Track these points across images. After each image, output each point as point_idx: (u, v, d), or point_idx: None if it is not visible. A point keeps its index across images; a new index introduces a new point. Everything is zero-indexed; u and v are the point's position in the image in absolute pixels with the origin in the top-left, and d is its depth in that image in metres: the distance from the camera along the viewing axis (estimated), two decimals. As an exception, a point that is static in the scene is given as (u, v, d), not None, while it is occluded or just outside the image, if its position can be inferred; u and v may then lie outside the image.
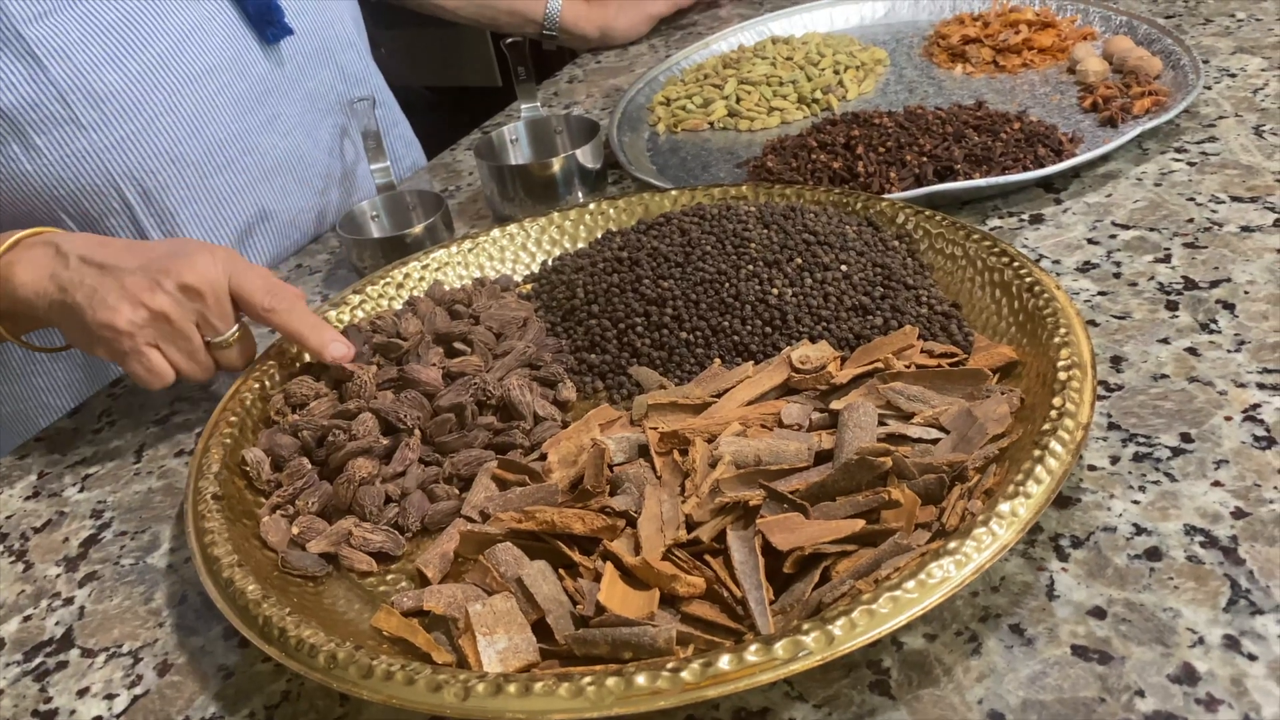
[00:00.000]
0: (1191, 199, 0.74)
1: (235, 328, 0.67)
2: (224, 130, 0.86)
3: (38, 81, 0.74)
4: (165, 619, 0.56)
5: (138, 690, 0.52)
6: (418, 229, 0.83)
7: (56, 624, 0.57)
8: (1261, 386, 0.56)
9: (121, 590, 0.59)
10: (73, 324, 0.65)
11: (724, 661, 0.41)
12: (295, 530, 0.56)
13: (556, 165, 0.87)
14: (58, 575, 0.61)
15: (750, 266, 0.64)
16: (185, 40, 0.82)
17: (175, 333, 0.65)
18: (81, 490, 0.68)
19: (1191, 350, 0.60)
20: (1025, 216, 0.76)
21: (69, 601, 0.59)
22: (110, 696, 0.52)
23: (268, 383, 0.67)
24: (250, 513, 0.58)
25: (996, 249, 0.64)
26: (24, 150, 0.75)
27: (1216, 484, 0.51)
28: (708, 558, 0.48)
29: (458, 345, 0.67)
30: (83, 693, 0.52)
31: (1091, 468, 0.53)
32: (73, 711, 0.51)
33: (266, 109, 0.89)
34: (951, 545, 0.44)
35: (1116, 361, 0.60)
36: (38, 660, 0.55)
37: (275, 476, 0.60)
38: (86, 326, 0.64)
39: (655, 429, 0.56)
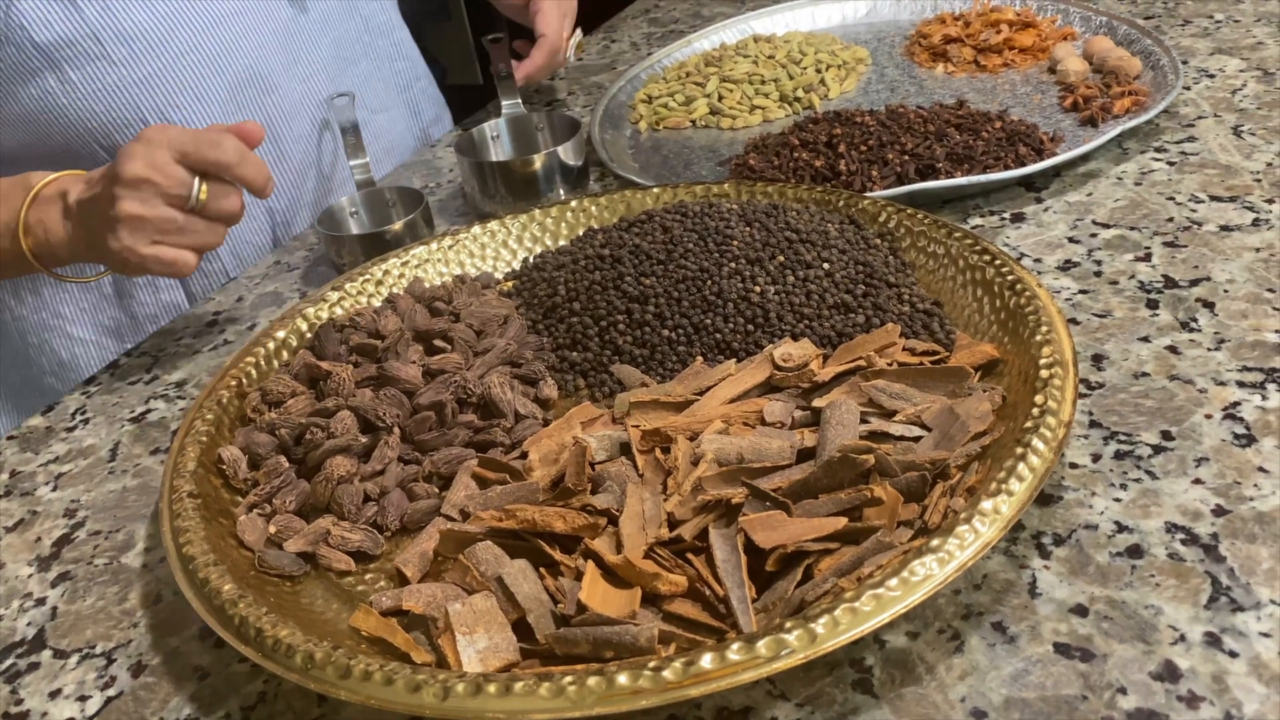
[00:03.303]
0: (1171, 198, 0.75)
1: (198, 184, 0.70)
2: (247, 70, 0.89)
3: (72, 20, 0.79)
4: (139, 619, 0.55)
5: (111, 692, 0.51)
6: (398, 225, 0.83)
7: (28, 625, 0.56)
8: (1241, 384, 0.57)
9: (95, 590, 0.58)
10: (99, 259, 0.74)
11: (706, 660, 0.41)
12: (272, 529, 0.55)
13: (538, 162, 0.87)
14: (29, 575, 0.60)
15: (732, 264, 0.64)
16: None
17: (155, 223, 0.70)
18: (55, 489, 0.67)
19: (1172, 348, 0.60)
20: (1006, 215, 0.77)
21: (41, 602, 0.58)
22: (83, 698, 0.51)
23: (244, 380, 0.66)
24: (227, 512, 0.57)
25: (978, 247, 0.64)
26: (60, 84, 0.79)
27: (1197, 481, 0.51)
28: (690, 556, 0.47)
29: (438, 343, 0.66)
30: (55, 694, 0.51)
31: (1073, 465, 0.53)
32: (44, 714, 0.51)
33: (289, 53, 0.92)
34: (934, 543, 0.44)
35: (1098, 360, 0.60)
36: (9, 662, 0.54)
37: (252, 475, 0.59)
38: (106, 258, 0.73)
39: (637, 427, 0.56)
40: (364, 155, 0.88)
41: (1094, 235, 0.72)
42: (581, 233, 0.76)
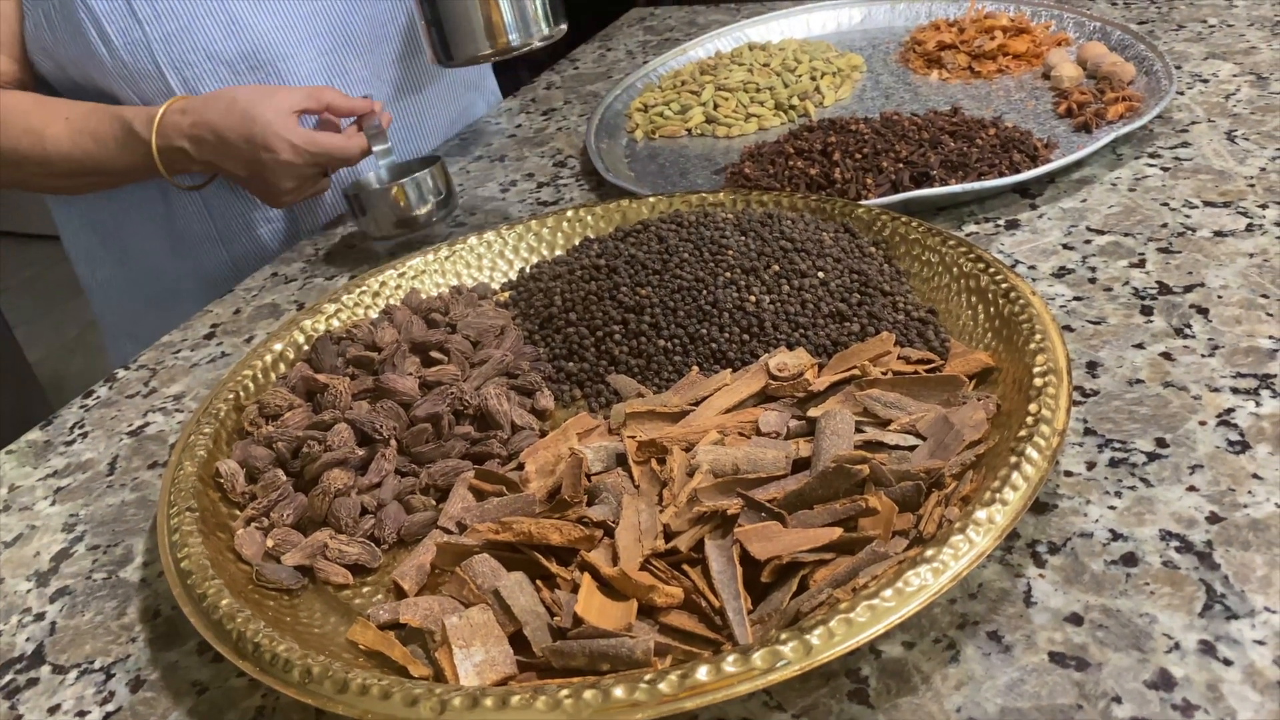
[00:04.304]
0: (1165, 204, 0.75)
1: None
2: (261, 38, 0.93)
3: None
4: (138, 634, 0.55)
5: (110, 707, 0.51)
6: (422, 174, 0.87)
7: (27, 640, 0.56)
8: (1235, 391, 0.57)
9: (93, 605, 0.58)
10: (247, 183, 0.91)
11: (702, 672, 0.41)
12: (270, 543, 0.56)
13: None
14: (28, 590, 0.60)
15: (728, 274, 0.64)
16: None
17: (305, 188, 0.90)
18: (53, 503, 0.67)
19: (1166, 355, 0.60)
20: (1001, 222, 0.77)
21: (40, 617, 0.58)
22: (82, 714, 0.51)
23: (242, 393, 0.66)
24: (224, 525, 0.58)
25: (972, 255, 0.64)
26: (99, 38, 0.88)
27: (1191, 489, 0.51)
28: (685, 567, 0.48)
29: (434, 354, 0.66)
30: (54, 710, 0.52)
31: (1068, 473, 0.53)
32: (43, 729, 0.51)
33: (316, 26, 0.96)
34: (929, 553, 0.44)
35: (1092, 367, 0.60)
36: (8, 677, 0.54)
37: (250, 489, 0.59)
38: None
39: (633, 438, 0.56)
40: (386, 141, 0.91)
41: (1088, 242, 0.72)
42: (578, 243, 0.76)
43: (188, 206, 0.98)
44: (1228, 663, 0.43)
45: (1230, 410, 0.55)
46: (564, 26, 0.82)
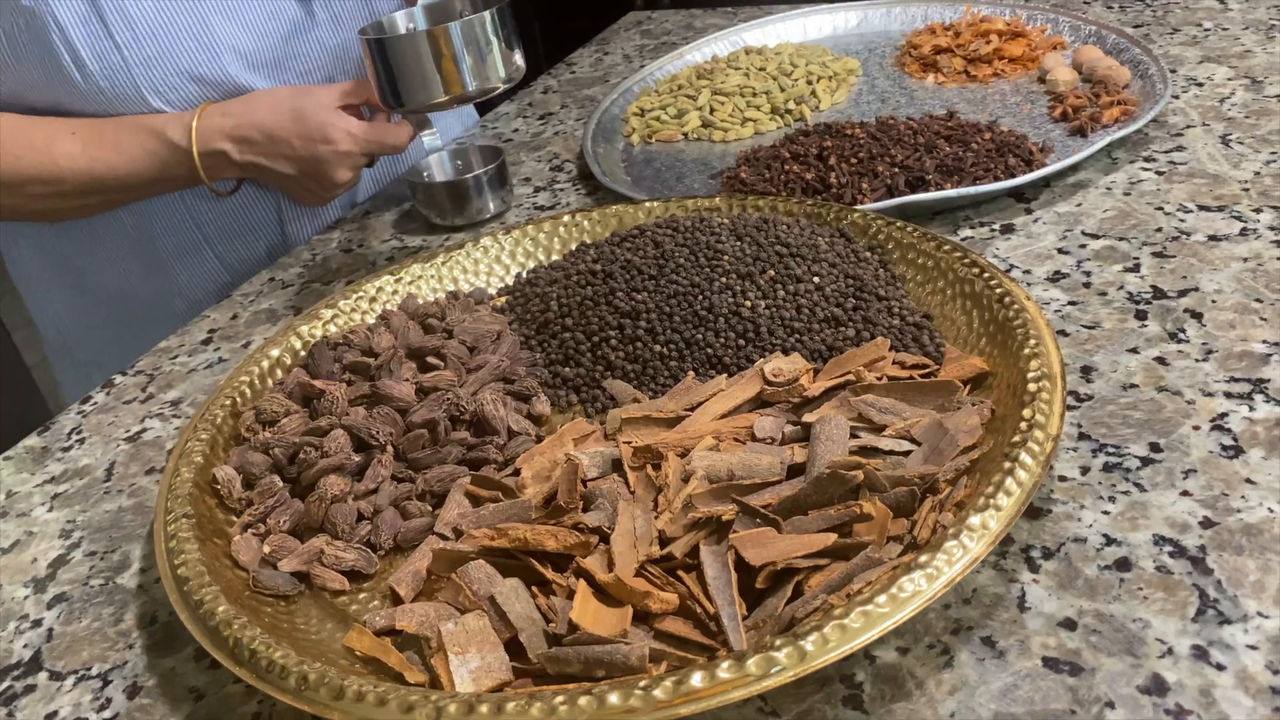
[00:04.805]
0: (1160, 208, 0.75)
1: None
2: (245, 63, 0.91)
3: (87, 1, 0.84)
4: (135, 641, 0.55)
5: (107, 714, 0.51)
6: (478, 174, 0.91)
7: (24, 646, 0.56)
8: (1229, 395, 0.57)
9: (90, 611, 0.58)
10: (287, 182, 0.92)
11: (697, 679, 0.41)
12: (267, 549, 0.56)
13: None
14: (25, 597, 0.60)
15: (723, 279, 0.64)
16: None
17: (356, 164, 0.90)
18: (50, 509, 0.67)
19: (1160, 360, 0.60)
20: (996, 226, 0.77)
21: (37, 623, 0.58)
22: (79, 720, 0.51)
23: (239, 399, 0.67)
24: (221, 532, 0.58)
25: (967, 259, 0.64)
26: (73, 62, 0.85)
27: (1185, 494, 0.51)
28: (681, 573, 0.48)
29: (431, 360, 0.66)
30: (50, 717, 0.52)
31: (1062, 478, 0.54)
32: (40, 736, 0.51)
33: (291, 50, 0.94)
34: (923, 558, 0.44)
35: (1086, 371, 0.61)
36: (5, 684, 0.54)
37: (246, 495, 0.59)
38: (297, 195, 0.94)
39: (629, 443, 0.56)
40: (431, 126, 0.91)
41: (1083, 246, 0.72)
42: (574, 248, 0.77)
43: (171, 219, 0.96)
44: (1220, 668, 0.43)
45: (1224, 415, 0.56)
46: (522, 66, 0.79)
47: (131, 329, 1.00)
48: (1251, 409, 0.56)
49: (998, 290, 0.61)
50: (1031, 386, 0.52)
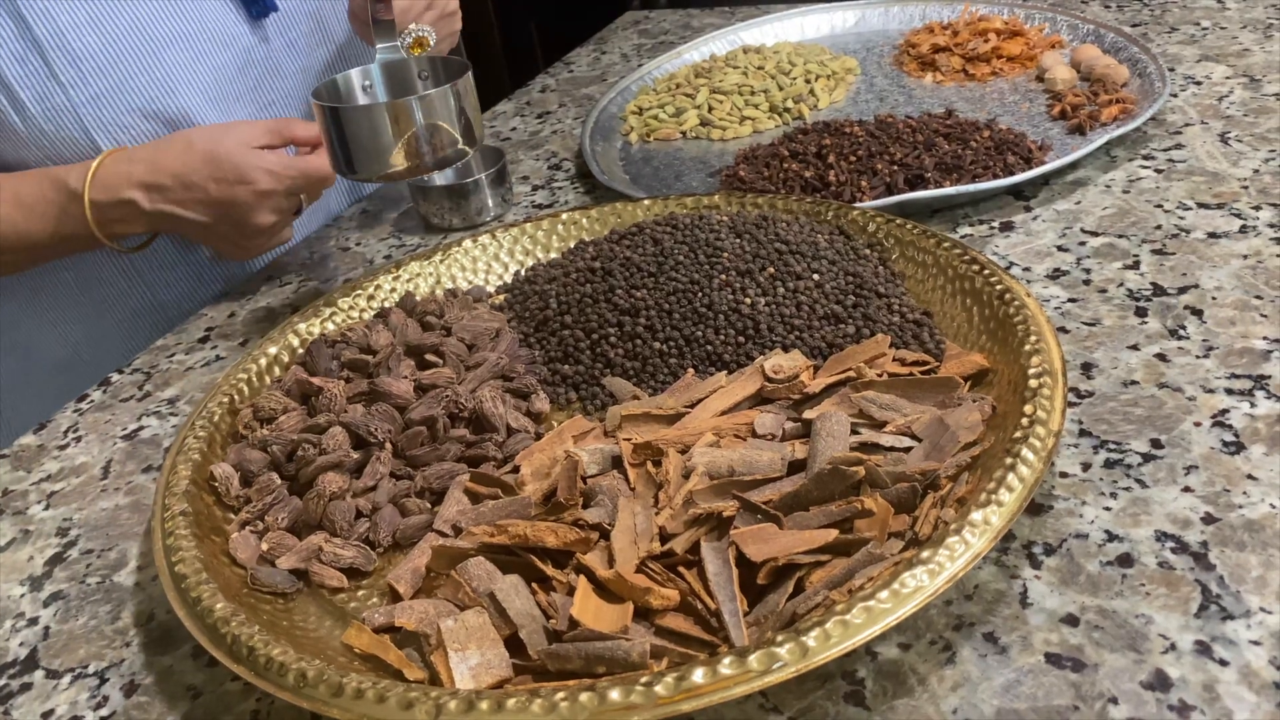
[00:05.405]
0: (1159, 206, 0.75)
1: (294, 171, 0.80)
2: (201, 95, 0.87)
3: (24, 39, 0.79)
4: (132, 638, 0.55)
5: (104, 712, 0.51)
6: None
7: (20, 645, 0.56)
8: (1229, 392, 0.57)
9: (87, 609, 0.58)
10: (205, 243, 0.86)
11: (698, 675, 0.41)
12: (265, 546, 0.55)
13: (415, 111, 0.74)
14: (22, 595, 0.60)
15: (723, 276, 0.64)
16: (167, 5, 0.85)
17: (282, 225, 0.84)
18: (47, 508, 0.67)
19: (1161, 356, 0.60)
20: (995, 224, 0.77)
21: (33, 622, 0.58)
22: (76, 719, 0.51)
23: (236, 397, 0.66)
24: (219, 529, 0.57)
25: (967, 257, 0.64)
26: (11, 104, 0.80)
27: (1187, 490, 0.51)
28: (681, 570, 0.47)
29: (429, 357, 0.66)
30: (47, 715, 0.51)
31: (1063, 475, 0.53)
32: (37, 734, 0.51)
33: (248, 79, 0.91)
34: (925, 554, 0.44)
35: (1087, 368, 0.61)
36: (1, 683, 0.54)
37: (244, 492, 0.59)
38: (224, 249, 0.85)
39: (629, 440, 0.56)
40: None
41: (1082, 243, 0.72)
42: (573, 245, 0.76)
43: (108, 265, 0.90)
44: (1223, 663, 0.43)
45: (1225, 411, 0.56)
46: (482, 137, 0.76)
47: (71, 375, 0.94)
48: (1252, 405, 0.56)
49: (998, 287, 0.61)
50: (1032, 383, 0.52)
